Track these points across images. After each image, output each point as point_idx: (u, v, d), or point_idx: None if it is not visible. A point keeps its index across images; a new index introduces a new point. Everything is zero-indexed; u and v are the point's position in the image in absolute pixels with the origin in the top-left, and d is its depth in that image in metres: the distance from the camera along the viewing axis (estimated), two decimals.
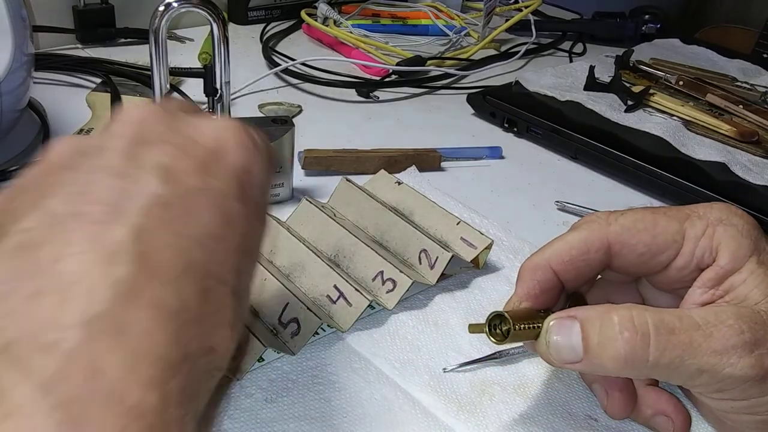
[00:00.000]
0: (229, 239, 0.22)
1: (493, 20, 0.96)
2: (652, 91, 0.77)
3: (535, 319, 0.30)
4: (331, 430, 0.36)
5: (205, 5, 0.48)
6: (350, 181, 0.54)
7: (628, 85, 0.79)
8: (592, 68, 0.78)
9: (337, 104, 0.78)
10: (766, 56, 1.00)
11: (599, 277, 0.36)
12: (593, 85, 0.78)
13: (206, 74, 0.52)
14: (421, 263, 0.48)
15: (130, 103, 0.24)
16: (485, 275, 0.50)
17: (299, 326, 0.41)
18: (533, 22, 0.99)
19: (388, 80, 0.83)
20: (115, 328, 0.17)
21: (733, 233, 0.30)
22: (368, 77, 0.85)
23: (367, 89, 0.80)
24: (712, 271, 0.30)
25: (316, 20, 0.95)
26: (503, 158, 0.68)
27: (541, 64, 0.96)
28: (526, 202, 0.61)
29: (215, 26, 0.49)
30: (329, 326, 0.43)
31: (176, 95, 0.21)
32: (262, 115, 0.73)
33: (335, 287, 0.44)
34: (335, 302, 0.44)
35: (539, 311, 0.32)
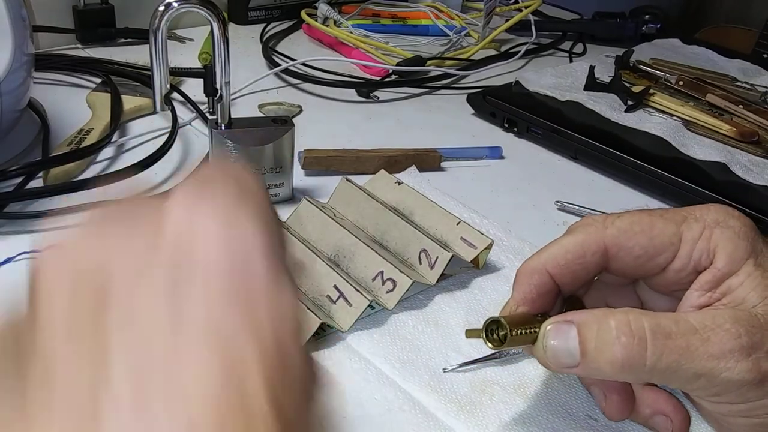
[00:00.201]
0: None
1: (493, 20, 0.96)
2: (652, 91, 0.77)
3: (532, 323, 0.30)
4: (330, 429, 0.36)
5: (205, 5, 0.48)
6: (350, 181, 0.54)
7: (628, 85, 0.79)
8: (592, 68, 0.78)
9: (337, 104, 0.78)
10: (766, 56, 1.00)
11: (596, 279, 0.36)
12: (593, 85, 0.78)
13: (206, 74, 0.51)
14: (421, 263, 0.48)
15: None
16: (485, 275, 0.50)
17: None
18: (533, 22, 0.99)
19: (388, 80, 0.83)
20: None
21: (730, 235, 0.30)
22: (368, 77, 0.85)
23: (367, 89, 0.80)
24: (709, 273, 0.30)
25: (316, 20, 0.95)
26: (503, 158, 0.68)
27: (541, 64, 0.96)
28: (526, 202, 0.61)
29: (215, 26, 0.49)
30: (329, 326, 0.43)
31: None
32: (262, 115, 0.73)
33: (335, 287, 0.44)
34: (335, 302, 0.44)
35: (536, 315, 0.32)
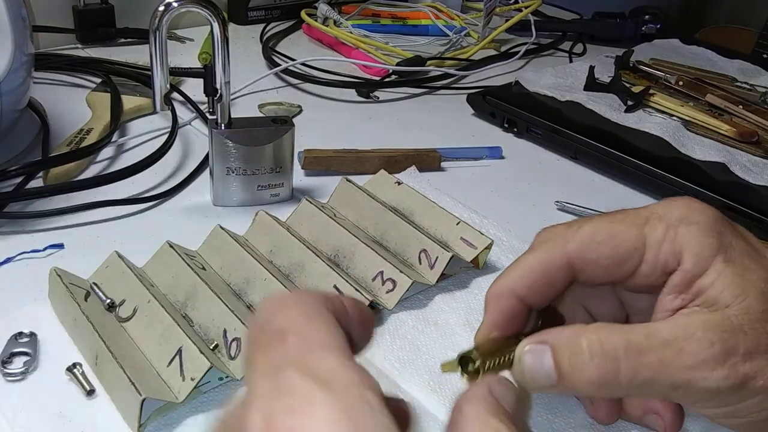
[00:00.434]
0: None
1: (493, 20, 0.96)
2: (652, 91, 0.77)
3: (507, 347, 0.29)
4: None
5: (205, 5, 0.49)
6: (350, 181, 0.54)
7: (628, 85, 0.79)
8: (592, 68, 0.79)
9: (337, 104, 0.78)
10: (766, 56, 1.00)
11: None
12: (593, 85, 0.78)
13: (206, 74, 0.52)
14: (421, 263, 0.48)
15: None
16: (485, 275, 0.50)
17: None
18: (533, 22, 0.99)
19: (388, 80, 0.83)
20: None
21: (694, 233, 0.29)
22: (368, 77, 0.85)
23: (367, 89, 0.80)
24: (677, 276, 0.29)
25: (316, 20, 0.96)
26: (503, 158, 0.68)
27: (541, 64, 0.96)
28: (526, 202, 0.61)
29: (215, 26, 0.49)
30: None
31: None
32: (262, 115, 0.73)
33: (335, 287, 0.44)
34: None
35: (512, 337, 0.31)
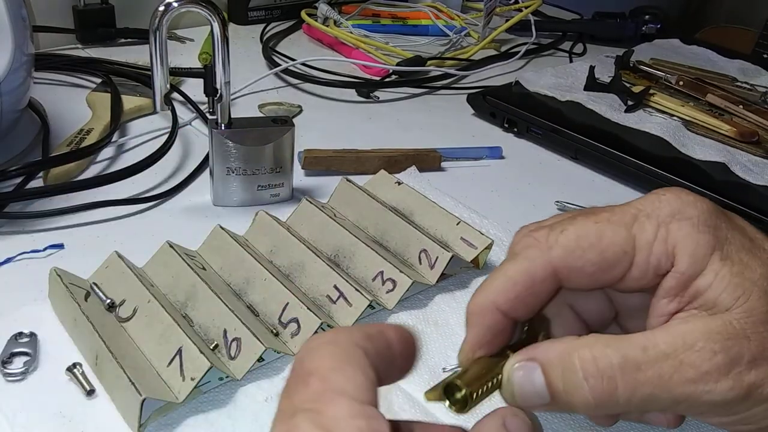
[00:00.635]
0: None
1: (493, 20, 0.96)
2: (652, 91, 0.77)
3: (494, 366, 0.27)
4: None
5: (205, 5, 0.49)
6: (350, 181, 0.54)
7: (628, 85, 0.79)
8: (592, 68, 0.78)
9: (337, 104, 0.78)
10: (766, 56, 1.00)
11: None
12: (593, 85, 0.78)
13: (206, 74, 0.52)
14: (421, 263, 0.48)
15: None
16: (485, 275, 0.49)
17: (299, 326, 0.41)
18: (533, 22, 0.99)
19: (388, 80, 0.83)
20: None
21: (688, 230, 0.27)
22: (368, 77, 0.85)
23: (367, 89, 0.80)
24: (672, 278, 0.27)
25: (316, 20, 0.95)
26: (503, 158, 0.68)
27: (541, 64, 0.96)
28: (526, 202, 0.61)
29: (215, 26, 0.49)
30: (329, 326, 0.43)
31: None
32: (262, 115, 0.73)
33: (335, 287, 0.44)
34: (335, 302, 0.44)
35: (497, 355, 0.28)
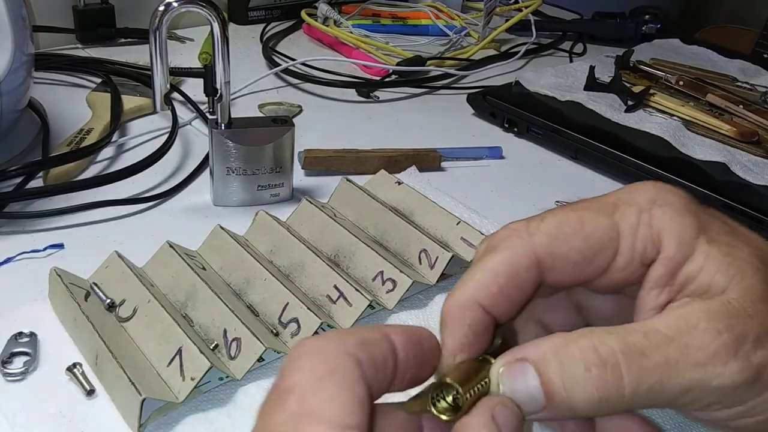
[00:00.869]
0: None
1: (493, 20, 0.96)
2: (652, 91, 0.77)
3: (479, 373, 0.24)
4: None
5: (205, 5, 0.49)
6: (350, 181, 0.54)
7: (628, 85, 0.79)
8: (592, 68, 0.78)
9: (337, 104, 0.78)
10: (766, 56, 1.00)
11: None
12: (593, 85, 0.78)
13: (206, 74, 0.52)
14: (421, 263, 0.48)
15: None
16: None
17: (299, 326, 0.41)
18: (533, 22, 0.99)
19: (388, 80, 0.83)
20: None
21: (671, 214, 0.25)
22: (368, 77, 0.85)
23: (367, 89, 0.80)
24: (660, 266, 0.25)
25: (316, 20, 0.95)
26: (503, 158, 0.68)
27: (541, 64, 0.96)
28: (526, 202, 0.61)
29: (215, 26, 0.49)
30: (329, 326, 0.43)
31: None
32: (262, 115, 0.73)
33: (335, 287, 0.44)
34: (335, 302, 0.44)
35: (478, 360, 0.25)
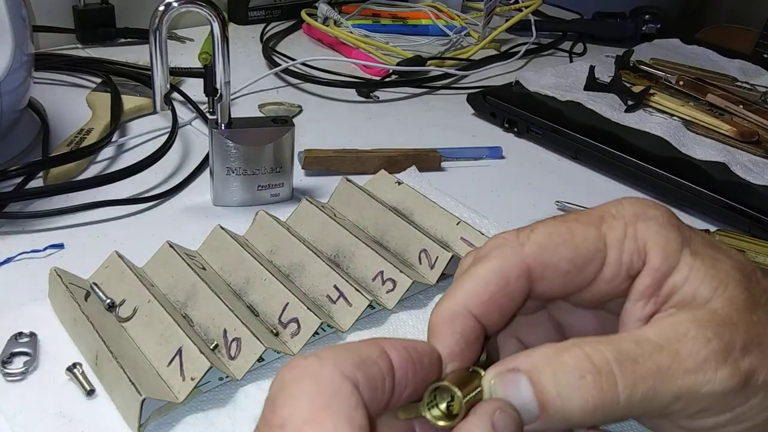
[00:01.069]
0: None
1: (493, 20, 0.96)
2: (652, 91, 0.77)
3: (471, 382, 0.24)
4: None
5: (205, 5, 0.49)
6: (350, 181, 0.54)
7: (628, 85, 0.79)
8: (592, 68, 0.78)
9: (337, 104, 0.78)
10: (766, 56, 1.00)
11: None
12: (593, 85, 0.78)
13: (206, 74, 0.52)
14: (421, 263, 0.48)
15: None
16: None
17: (299, 326, 0.41)
18: (533, 22, 0.99)
19: (388, 80, 0.83)
20: None
21: (656, 228, 0.26)
22: (368, 77, 0.85)
23: (367, 89, 0.80)
24: (646, 277, 0.26)
25: (316, 20, 0.95)
26: (503, 158, 0.68)
27: (541, 64, 0.96)
28: (526, 202, 0.61)
29: (215, 26, 0.49)
30: (329, 326, 0.43)
31: None
32: (262, 115, 0.73)
33: (335, 287, 0.44)
34: (335, 302, 0.44)
35: (468, 370, 0.25)
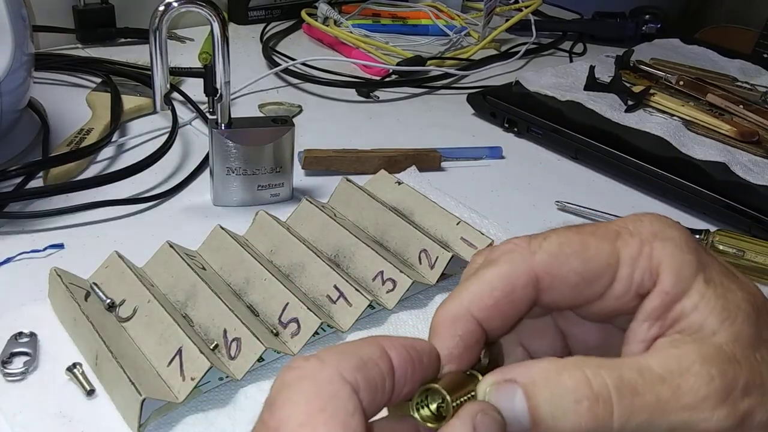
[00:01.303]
0: None
1: (493, 20, 0.96)
2: (652, 91, 0.77)
3: (466, 385, 0.24)
4: None
5: (205, 5, 0.49)
6: (350, 181, 0.54)
7: (628, 85, 0.79)
8: (592, 68, 0.78)
9: (337, 104, 0.78)
10: (766, 56, 1.00)
11: None
12: (593, 85, 0.78)
13: (206, 74, 0.52)
14: (421, 263, 0.48)
15: None
16: None
17: (299, 326, 0.41)
18: (533, 22, 0.99)
19: (388, 80, 0.83)
20: None
21: (672, 250, 0.26)
22: (368, 77, 0.85)
23: (367, 89, 0.80)
24: (656, 298, 0.26)
25: (316, 20, 0.95)
26: (503, 158, 0.68)
27: (541, 64, 0.96)
28: (526, 202, 0.61)
29: (215, 26, 0.49)
30: (329, 326, 0.43)
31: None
32: (262, 115, 0.73)
33: (335, 287, 0.44)
34: (335, 302, 0.44)
35: (465, 373, 0.25)
